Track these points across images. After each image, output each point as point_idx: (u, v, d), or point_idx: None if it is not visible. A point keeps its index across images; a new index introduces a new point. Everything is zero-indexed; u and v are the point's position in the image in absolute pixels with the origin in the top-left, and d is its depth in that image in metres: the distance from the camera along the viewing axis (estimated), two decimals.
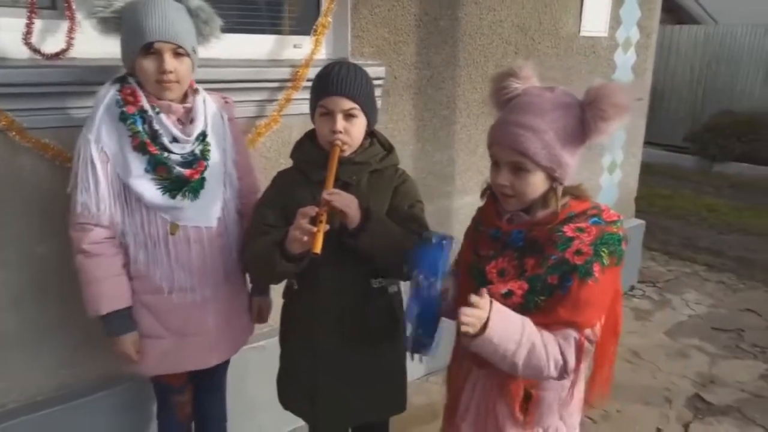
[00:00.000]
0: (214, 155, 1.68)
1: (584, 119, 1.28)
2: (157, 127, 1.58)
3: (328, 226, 1.44)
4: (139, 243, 1.62)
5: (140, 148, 1.56)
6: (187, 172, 1.61)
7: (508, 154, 1.30)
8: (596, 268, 1.25)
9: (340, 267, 1.60)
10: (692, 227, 5.81)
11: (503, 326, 1.22)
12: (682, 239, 5.42)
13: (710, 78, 9.13)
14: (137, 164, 1.57)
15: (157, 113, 1.59)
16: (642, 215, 4.35)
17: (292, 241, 1.47)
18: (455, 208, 2.99)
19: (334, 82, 1.54)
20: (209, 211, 1.69)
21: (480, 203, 1.56)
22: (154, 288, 1.67)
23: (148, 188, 1.58)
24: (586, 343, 1.28)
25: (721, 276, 4.62)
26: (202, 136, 1.66)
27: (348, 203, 1.49)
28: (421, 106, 2.74)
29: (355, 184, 1.61)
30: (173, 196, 1.60)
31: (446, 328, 1.57)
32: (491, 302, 1.23)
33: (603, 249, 1.26)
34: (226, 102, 1.80)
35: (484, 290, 1.24)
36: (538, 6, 3.05)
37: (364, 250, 1.53)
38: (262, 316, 1.97)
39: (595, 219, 1.31)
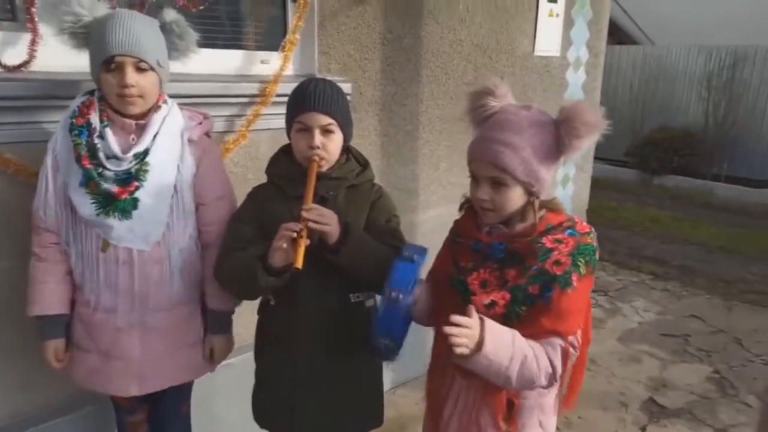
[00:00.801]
0: (156, 176, 1.58)
1: (559, 136, 1.34)
2: (96, 141, 1.55)
3: (308, 241, 1.45)
4: (77, 254, 1.62)
5: (78, 160, 1.54)
6: (116, 189, 1.54)
7: (487, 169, 1.35)
8: (574, 277, 1.31)
9: (319, 282, 1.60)
10: (637, 237, 6.08)
11: (496, 343, 1.26)
12: (628, 249, 5.65)
13: (648, 95, 9.61)
14: (76, 176, 1.55)
15: (104, 127, 1.56)
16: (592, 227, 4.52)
17: (275, 253, 1.47)
18: (419, 222, 3.04)
19: (311, 98, 1.56)
20: (144, 234, 1.60)
21: (452, 216, 1.61)
22: (84, 301, 1.66)
23: (82, 201, 1.56)
24: (571, 350, 1.33)
25: (666, 284, 4.84)
26: (143, 155, 1.57)
27: (328, 219, 1.50)
28: (386, 122, 2.78)
29: (333, 199, 1.62)
30: (100, 213, 1.56)
31: (419, 337, 1.61)
32: (481, 319, 1.26)
33: (580, 259, 1.33)
34: (205, 118, 1.75)
35: (472, 308, 1.27)
36: (495, 26, 3.16)
37: (343, 265, 1.54)
38: (214, 357, 1.81)
39: (570, 231, 1.37)
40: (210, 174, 1.71)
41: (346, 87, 2.46)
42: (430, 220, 3.09)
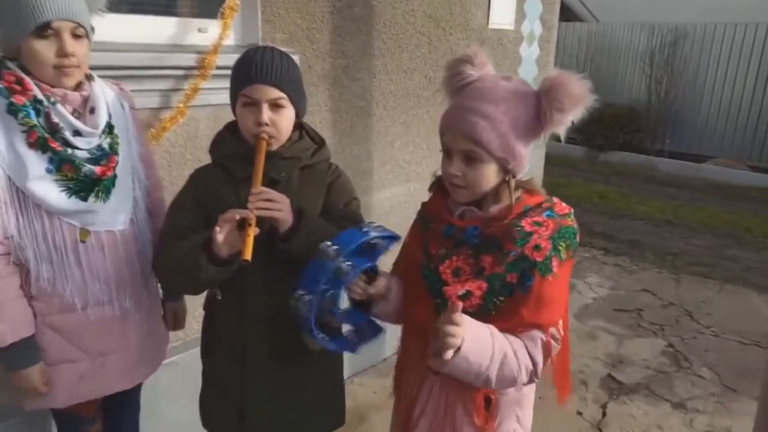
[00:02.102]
0: (122, 149, 1.48)
1: (540, 109, 1.22)
2: (56, 119, 1.35)
3: (258, 230, 1.29)
4: (41, 257, 1.38)
5: (39, 144, 1.31)
6: (98, 169, 1.39)
7: (460, 142, 1.23)
8: (555, 263, 1.21)
9: (271, 273, 1.44)
10: (587, 213, 6.13)
11: (476, 342, 1.15)
12: (579, 225, 5.64)
13: (594, 72, 9.68)
14: (36, 164, 1.32)
15: (53, 103, 1.35)
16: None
17: (219, 242, 1.30)
18: (374, 203, 2.89)
19: (258, 69, 1.38)
20: (120, 213, 1.50)
21: (408, 196, 1.47)
22: (64, 306, 1.44)
23: (51, 191, 1.34)
24: (553, 342, 1.23)
25: (617, 259, 4.90)
26: (109, 128, 1.44)
27: (279, 204, 1.34)
28: (336, 98, 2.61)
29: (285, 181, 1.46)
30: (84, 198, 1.38)
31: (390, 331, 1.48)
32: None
33: (560, 243, 1.23)
34: (122, 90, 1.58)
35: (459, 305, 1.15)
36: None
37: (298, 255, 1.38)
38: (178, 323, 1.81)
39: (549, 212, 1.26)
40: (145, 141, 1.65)
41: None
42: (386, 201, 2.95)
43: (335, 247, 1.25)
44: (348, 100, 2.66)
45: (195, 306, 1.79)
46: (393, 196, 2.97)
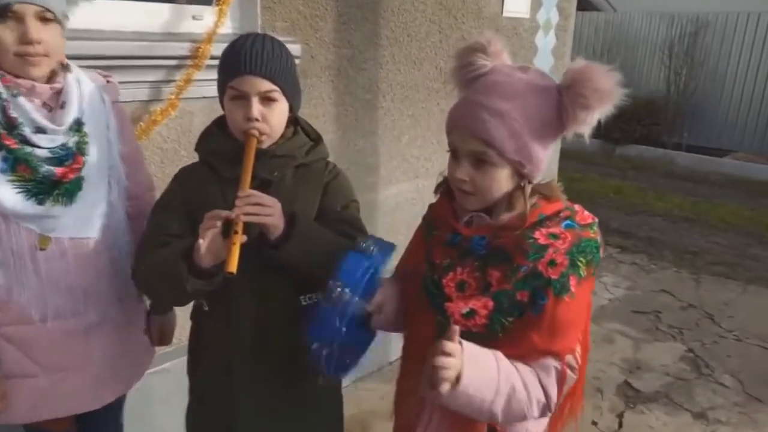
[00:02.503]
0: (94, 148, 1.34)
1: (562, 106, 1.08)
2: (14, 113, 1.22)
3: (245, 237, 1.16)
4: None
5: None
6: (58, 171, 1.26)
7: (469, 142, 1.09)
8: (572, 281, 1.07)
9: (262, 283, 1.32)
10: (602, 209, 5.95)
11: (479, 373, 1.02)
12: None
13: (610, 63, 9.42)
14: None
15: (15, 96, 1.23)
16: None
17: (200, 250, 1.18)
18: (380, 201, 2.76)
19: (247, 58, 1.26)
20: (89, 219, 1.36)
21: (416, 193, 1.35)
22: (20, 317, 1.31)
23: (5, 192, 1.22)
24: (569, 372, 1.09)
25: (634, 257, 4.73)
26: (77, 125, 1.31)
27: (269, 208, 1.21)
28: (341, 89, 2.48)
29: (277, 181, 1.34)
30: (41, 202, 1.26)
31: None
32: (461, 344, 1.02)
33: (580, 258, 1.08)
34: (108, 82, 1.45)
35: (457, 330, 1.02)
36: None
37: (290, 263, 1.26)
38: (164, 338, 1.66)
39: (568, 222, 1.12)
40: (130, 138, 1.49)
41: (294, 49, 2.15)
42: (392, 198, 2.82)
43: (347, 289, 1.11)
44: (353, 92, 2.53)
45: (187, 313, 1.68)
46: (400, 193, 2.83)
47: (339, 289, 1.11)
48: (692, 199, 6.42)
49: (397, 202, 2.81)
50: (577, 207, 1.17)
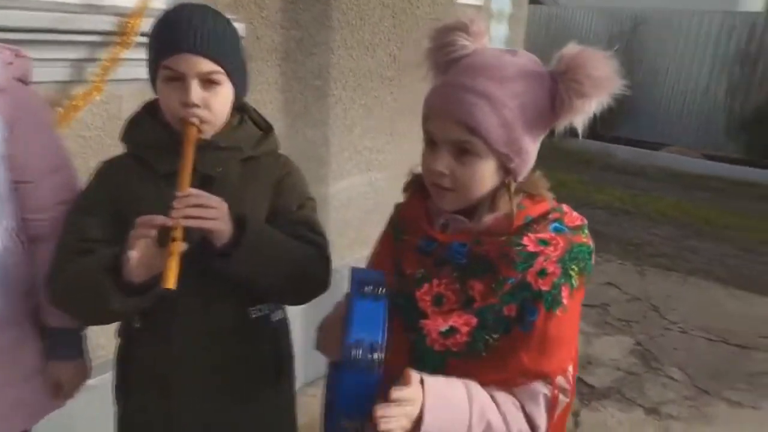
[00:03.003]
0: None
1: (556, 94, 0.95)
2: None
3: (185, 245, 0.98)
4: None
5: None
6: None
7: (451, 130, 0.95)
8: (565, 293, 0.95)
9: (206, 295, 1.15)
10: None
11: (445, 413, 0.89)
12: None
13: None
14: None
15: None
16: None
17: (132, 264, 0.99)
18: (330, 195, 2.59)
19: (185, 33, 1.07)
20: None
21: (368, 186, 1.22)
22: None
23: None
24: (560, 396, 0.97)
25: None
26: None
27: (214, 210, 1.04)
28: (289, 74, 2.29)
29: (221, 178, 1.16)
30: None
31: None
32: (422, 383, 0.89)
33: (572, 267, 0.96)
34: (17, 56, 1.21)
35: (411, 375, 0.88)
36: None
37: (239, 273, 1.09)
38: (58, 391, 1.32)
39: (557, 225, 1.00)
40: (33, 136, 1.18)
41: (238, 28, 1.95)
42: (344, 192, 2.65)
43: (371, 347, 0.88)
44: (302, 78, 2.34)
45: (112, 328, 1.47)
46: (352, 187, 2.67)
47: (362, 351, 0.88)
48: (631, 192, 6.57)
49: (349, 197, 2.65)
50: (565, 207, 1.05)
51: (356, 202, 2.69)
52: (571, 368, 1.00)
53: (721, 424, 2.66)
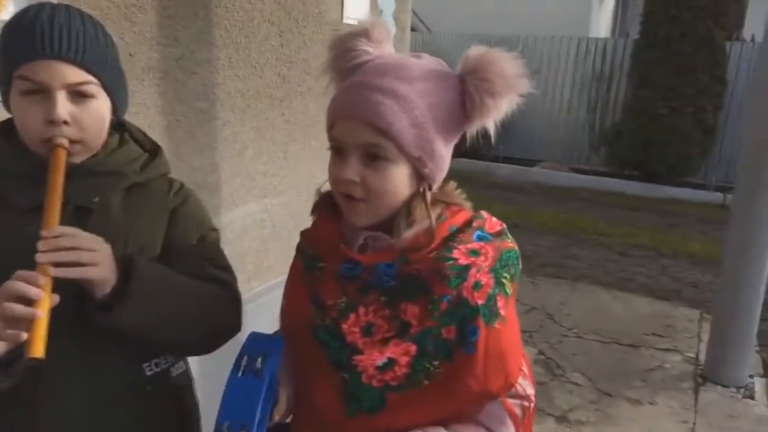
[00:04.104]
0: None
1: (466, 94, 0.90)
2: None
3: (57, 297, 0.78)
4: None
5: None
6: None
7: (359, 133, 0.87)
8: (500, 302, 0.91)
9: (86, 356, 0.94)
10: None
11: None
12: None
13: None
14: None
15: None
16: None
17: None
18: (225, 225, 2.38)
19: (46, 35, 0.88)
20: None
21: (265, 214, 1.15)
22: None
23: None
24: (524, 403, 0.93)
25: None
26: None
27: (92, 254, 0.84)
28: (170, 96, 2.07)
29: (100, 210, 0.96)
30: None
31: None
32: None
33: (504, 274, 0.92)
34: None
35: None
36: None
37: (128, 328, 0.90)
38: None
39: (479, 233, 0.94)
40: None
41: None
42: (238, 221, 2.46)
43: (241, 428, 0.78)
44: (185, 100, 2.13)
45: None
46: (247, 215, 2.48)
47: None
48: (514, 207, 6.88)
49: (243, 226, 2.46)
50: (484, 213, 1.00)
51: (252, 232, 2.50)
52: (524, 368, 0.96)
53: (625, 423, 2.75)
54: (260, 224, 2.53)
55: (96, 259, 0.85)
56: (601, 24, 11.49)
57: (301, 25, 2.68)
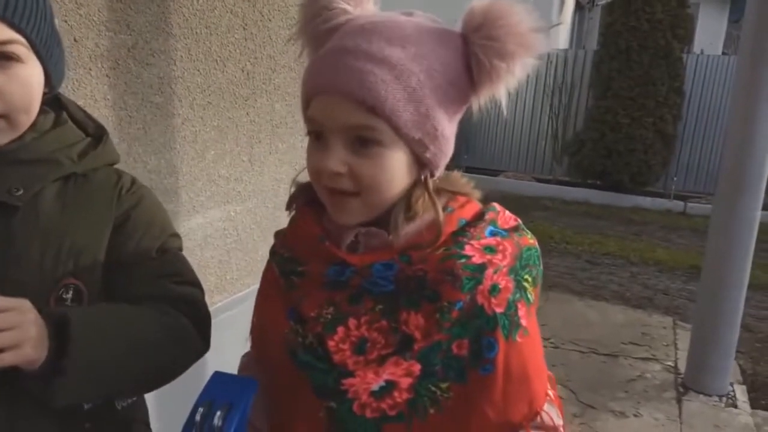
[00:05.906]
0: None
1: (471, 56, 0.74)
2: None
3: None
4: None
5: None
6: None
7: (343, 112, 0.70)
8: (522, 311, 0.76)
9: (8, 405, 0.73)
10: None
11: None
12: None
13: None
14: None
15: None
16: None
17: None
18: (184, 233, 2.13)
19: None
20: None
21: (229, 222, 1.15)
22: None
23: None
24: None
25: None
26: None
27: (12, 335, 0.64)
28: (121, 88, 1.86)
29: (28, 207, 0.75)
30: None
31: None
32: None
33: (526, 276, 0.78)
34: None
35: None
36: None
37: (69, 400, 0.70)
38: None
39: (492, 228, 0.79)
40: None
41: None
42: (199, 230, 2.24)
43: None
44: (138, 93, 1.92)
45: None
46: (208, 223, 2.26)
47: None
48: None
49: (205, 235, 2.24)
50: (497, 206, 0.85)
51: (215, 241, 2.29)
52: (550, 391, 0.81)
53: None
54: (223, 233, 2.32)
55: (16, 339, 0.63)
56: (560, 37, 11.66)
57: (266, 19, 2.50)
